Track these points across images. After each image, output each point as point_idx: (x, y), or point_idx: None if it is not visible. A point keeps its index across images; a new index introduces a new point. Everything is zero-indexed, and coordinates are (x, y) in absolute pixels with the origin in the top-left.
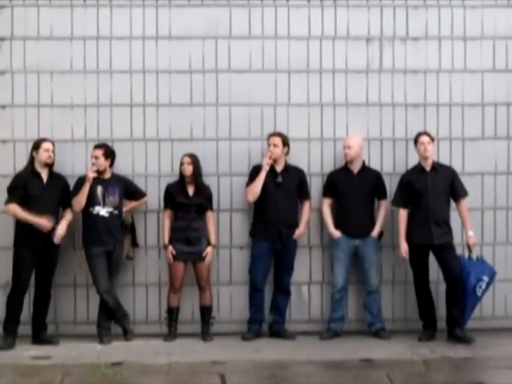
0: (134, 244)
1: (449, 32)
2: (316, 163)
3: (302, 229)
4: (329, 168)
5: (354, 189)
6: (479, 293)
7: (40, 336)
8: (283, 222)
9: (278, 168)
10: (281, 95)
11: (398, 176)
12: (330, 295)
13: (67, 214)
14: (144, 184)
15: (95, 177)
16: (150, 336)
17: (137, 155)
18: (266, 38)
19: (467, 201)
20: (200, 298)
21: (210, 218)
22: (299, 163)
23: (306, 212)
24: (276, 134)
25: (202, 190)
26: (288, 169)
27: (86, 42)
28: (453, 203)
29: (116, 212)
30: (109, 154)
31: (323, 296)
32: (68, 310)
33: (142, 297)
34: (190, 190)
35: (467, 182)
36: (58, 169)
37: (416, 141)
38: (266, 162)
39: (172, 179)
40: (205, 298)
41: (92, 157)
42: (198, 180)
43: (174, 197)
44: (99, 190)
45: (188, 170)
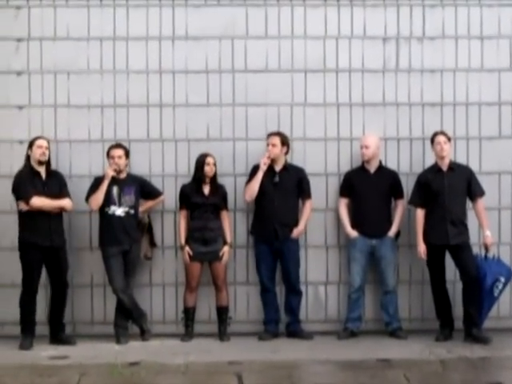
0: (152, 244)
1: (465, 31)
2: (333, 163)
3: (300, 228)
4: (345, 168)
5: (370, 188)
6: (496, 293)
7: (58, 336)
8: (279, 221)
9: (276, 167)
10: (297, 95)
11: (415, 176)
12: (347, 295)
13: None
14: (161, 184)
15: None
16: (167, 336)
17: (153, 155)
18: (283, 38)
19: (484, 200)
20: (216, 298)
21: (226, 217)
22: (316, 163)
23: (306, 211)
24: (275, 134)
25: (218, 190)
26: (287, 168)
27: (103, 42)
28: (469, 203)
29: (132, 212)
30: (128, 153)
31: (340, 296)
32: (85, 310)
33: (159, 297)
34: (206, 190)
35: (484, 182)
36: (74, 169)
37: (433, 140)
38: (263, 162)
39: (189, 179)
40: (221, 298)
41: (114, 157)
42: (216, 180)
43: (189, 197)
44: (115, 189)
45: (212, 170)
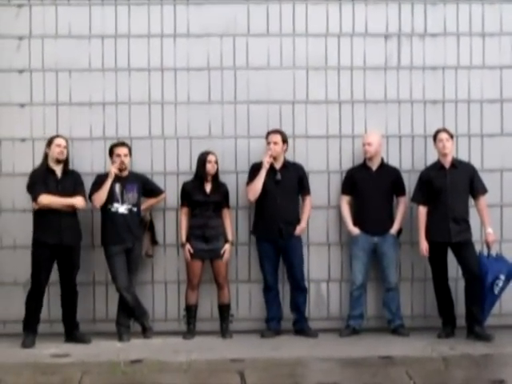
0: (154, 241)
1: (467, 28)
2: (334, 160)
3: (303, 225)
4: (347, 165)
5: (372, 186)
6: (496, 291)
7: (72, 335)
8: (283, 219)
9: (277, 165)
10: (299, 92)
11: (417, 173)
12: (349, 292)
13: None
14: (163, 182)
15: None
16: (169, 334)
17: (155, 153)
18: (284, 35)
19: (486, 197)
20: (218, 296)
21: (227, 215)
22: (317, 160)
23: (307, 208)
24: (276, 132)
25: (219, 188)
26: (287, 165)
27: (104, 40)
28: (471, 200)
29: (135, 209)
30: (131, 151)
31: (342, 293)
32: (87, 308)
33: (161, 294)
34: (207, 188)
35: (486, 179)
36: (76, 167)
37: (435, 137)
38: (266, 161)
39: (191, 177)
40: (223, 295)
41: (120, 155)
42: (217, 177)
43: (191, 195)
44: (117, 187)
45: (213, 168)
